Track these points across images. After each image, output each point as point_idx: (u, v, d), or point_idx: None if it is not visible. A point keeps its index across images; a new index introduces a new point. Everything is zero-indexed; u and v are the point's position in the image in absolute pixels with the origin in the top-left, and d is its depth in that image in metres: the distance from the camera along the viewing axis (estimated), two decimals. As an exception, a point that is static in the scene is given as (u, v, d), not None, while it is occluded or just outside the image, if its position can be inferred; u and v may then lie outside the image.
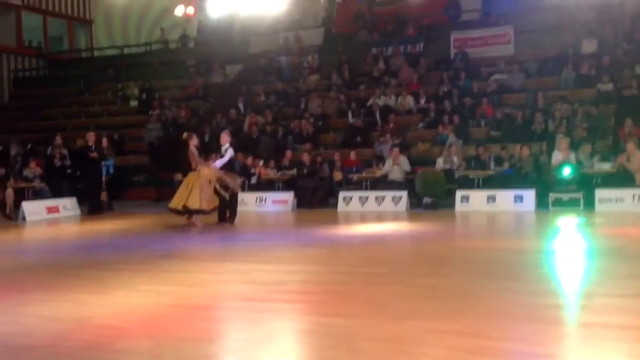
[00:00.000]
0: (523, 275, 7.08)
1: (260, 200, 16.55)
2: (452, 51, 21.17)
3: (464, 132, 17.35)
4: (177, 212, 12.72)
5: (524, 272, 7.31)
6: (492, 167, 15.52)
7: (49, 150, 18.62)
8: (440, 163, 15.86)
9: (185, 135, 13.02)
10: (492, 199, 14.70)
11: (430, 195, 15.10)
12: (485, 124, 17.75)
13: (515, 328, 4.93)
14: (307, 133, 18.78)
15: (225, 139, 12.41)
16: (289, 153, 17.57)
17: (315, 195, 16.60)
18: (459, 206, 14.81)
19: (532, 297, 5.94)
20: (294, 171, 17.05)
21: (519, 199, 14.40)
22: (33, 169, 17.02)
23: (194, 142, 12.68)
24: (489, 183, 15.23)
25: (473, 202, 14.77)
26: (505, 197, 14.55)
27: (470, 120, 18.06)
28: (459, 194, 14.97)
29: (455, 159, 15.83)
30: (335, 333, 4.89)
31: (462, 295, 6.11)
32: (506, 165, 15.36)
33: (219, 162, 12.69)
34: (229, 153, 12.65)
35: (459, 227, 13.11)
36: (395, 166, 16.01)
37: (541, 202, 14.27)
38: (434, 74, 20.63)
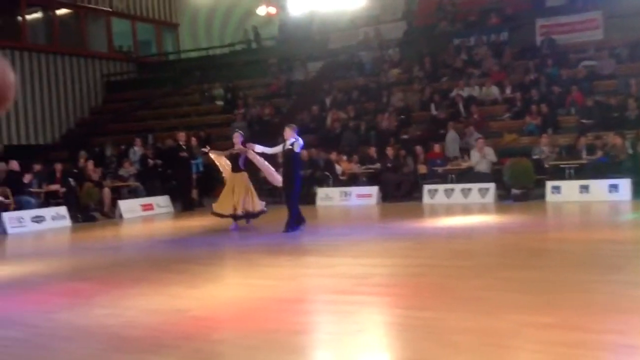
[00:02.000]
0: (623, 267, 6.80)
1: (345, 194, 16.63)
2: (538, 38, 20.58)
3: (552, 121, 16.84)
4: (221, 216, 12.14)
5: (623, 263, 7.03)
6: (584, 156, 15.00)
7: (132, 152, 19.26)
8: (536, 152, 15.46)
9: (206, 149, 12.91)
10: (585, 188, 14.20)
11: (519, 186, 14.74)
12: (575, 112, 17.16)
13: (617, 320, 4.74)
14: (389, 127, 18.70)
15: (289, 133, 11.42)
16: (372, 147, 17.57)
17: (400, 189, 16.52)
18: (549, 197, 14.40)
19: (634, 288, 5.70)
20: (377, 165, 17.03)
21: (613, 188, 13.86)
22: (127, 169, 17.73)
23: (237, 139, 12.25)
24: (581, 173, 14.72)
25: (565, 192, 14.33)
26: (599, 187, 14.04)
27: (559, 108, 17.51)
28: (550, 184, 14.55)
29: (544, 148, 15.39)
30: (425, 326, 4.86)
31: (558, 287, 5.94)
32: (599, 153, 14.80)
33: (269, 149, 11.87)
34: (299, 146, 11.42)
35: (551, 218, 12.74)
36: (482, 157, 15.73)
37: (638, 192, 13.67)
38: (519, 62, 20.13)
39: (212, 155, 12.80)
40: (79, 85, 26.04)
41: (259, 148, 11.79)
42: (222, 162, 12.47)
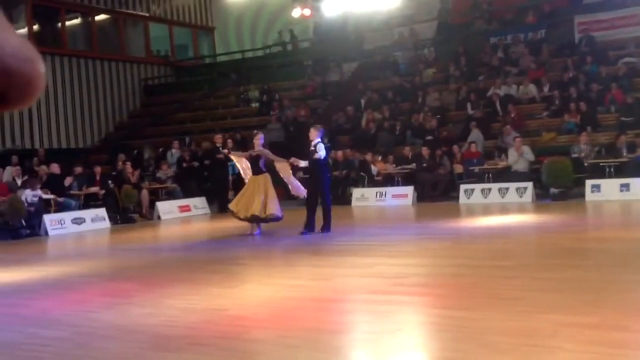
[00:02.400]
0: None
1: (380, 195, 16.59)
2: (577, 35, 20.25)
3: (592, 119, 16.56)
4: (234, 214, 11.82)
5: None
6: (624, 154, 14.71)
7: (169, 154, 19.50)
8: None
9: (226, 151, 12.87)
10: (625, 187, 13.92)
11: (558, 185, 14.53)
12: (615, 110, 16.84)
13: (658, 321, 4.66)
14: (425, 127, 18.60)
15: (314, 134, 10.99)
16: (406, 147, 17.50)
17: (436, 189, 16.42)
18: (589, 196, 14.16)
19: (676, 289, 5.59)
20: (413, 165, 16.95)
21: (655, 187, 13.56)
22: (165, 171, 17.97)
23: (258, 140, 11.85)
24: (621, 171, 14.44)
25: (605, 191, 14.07)
26: (640, 185, 13.76)
27: (598, 106, 17.21)
28: (589, 183, 14.31)
29: (583, 147, 15.15)
30: (462, 326, 4.82)
31: (599, 287, 5.84)
32: (640, 151, 14.51)
33: (303, 163, 11.38)
34: (321, 149, 11.00)
35: (591, 217, 12.53)
36: (519, 156, 15.54)
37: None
38: (557, 60, 19.84)
39: (233, 158, 12.70)
40: (118, 89, 26.45)
41: (303, 163, 11.35)
42: (243, 165, 12.16)
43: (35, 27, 24.10)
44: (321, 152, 10.92)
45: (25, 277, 8.51)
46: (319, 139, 10.99)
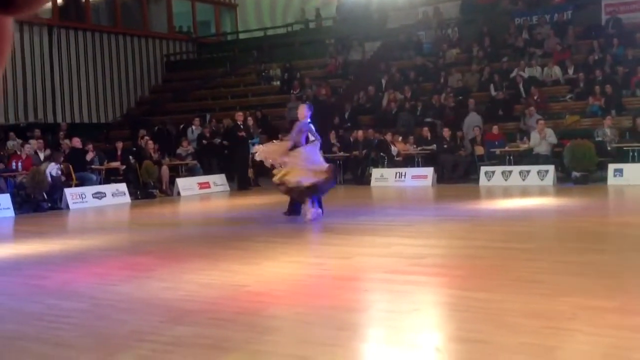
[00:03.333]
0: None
1: (400, 175, 16.53)
2: (604, 17, 19.92)
3: (617, 102, 16.33)
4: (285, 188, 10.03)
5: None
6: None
7: (190, 131, 19.55)
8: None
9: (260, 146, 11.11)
10: (649, 172, 13.75)
11: (580, 169, 14.38)
12: (641, 94, 16.59)
13: (679, 307, 4.61)
14: (447, 107, 18.45)
15: (303, 112, 9.89)
16: (425, 128, 17.40)
17: (456, 170, 16.32)
18: (611, 180, 14.00)
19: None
20: (433, 146, 16.85)
21: (679, 171, 13.37)
22: (185, 148, 18.04)
23: (303, 111, 10.25)
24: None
25: (628, 175, 13.90)
26: (664, 170, 13.57)
27: (624, 90, 16.95)
28: (612, 167, 14.14)
29: (607, 130, 14.96)
30: (481, 307, 4.81)
31: (619, 272, 5.79)
32: (665, 136, 14.30)
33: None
34: (314, 133, 10.00)
35: (613, 201, 12.40)
36: (542, 139, 15.38)
37: None
38: (583, 42, 19.53)
39: (263, 157, 10.40)
40: (140, 65, 26.52)
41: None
42: (278, 159, 10.20)
43: (59, 1, 24.18)
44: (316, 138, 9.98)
45: (46, 250, 8.62)
46: (309, 119, 9.96)
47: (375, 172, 16.89)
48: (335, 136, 17.87)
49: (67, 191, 14.41)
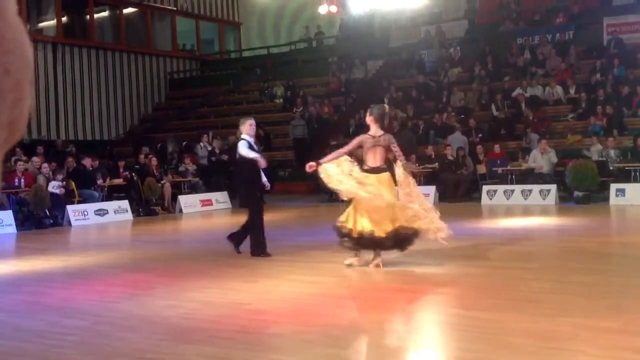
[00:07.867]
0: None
1: (402, 194, 16.48)
2: (605, 38, 20.01)
3: (618, 122, 16.37)
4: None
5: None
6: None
7: (199, 147, 19.59)
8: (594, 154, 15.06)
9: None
10: (651, 192, 13.74)
11: (582, 188, 14.37)
12: (642, 114, 16.63)
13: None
14: (449, 126, 18.49)
15: (246, 128, 8.58)
16: (429, 147, 17.44)
17: (458, 189, 16.32)
18: (613, 200, 13.99)
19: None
20: (435, 165, 16.86)
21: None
22: (188, 165, 18.07)
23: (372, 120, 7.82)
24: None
25: (630, 195, 13.88)
26: (666, 191, 13.56)
27: (625, 109, 16.99)
28: (614, 187, 14.13)
29: (611, 151, 14.97)
30: (482, 327, 4.80)
31: (621, 292, 5.78)
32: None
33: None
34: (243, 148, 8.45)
35: (615, 221, 12.38)
36: (543, 159, 15.39)
37: None
38: (584, 62, 19.62)
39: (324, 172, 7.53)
40: (144, 82, 26.66)
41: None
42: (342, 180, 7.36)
43: (64, 18, 24.37)
44: (242, 149, 8.47)
45: (47, 267, 8.62)
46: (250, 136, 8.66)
47: (377, 190, 16.84)
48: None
49: (70, 208, 14.42)
